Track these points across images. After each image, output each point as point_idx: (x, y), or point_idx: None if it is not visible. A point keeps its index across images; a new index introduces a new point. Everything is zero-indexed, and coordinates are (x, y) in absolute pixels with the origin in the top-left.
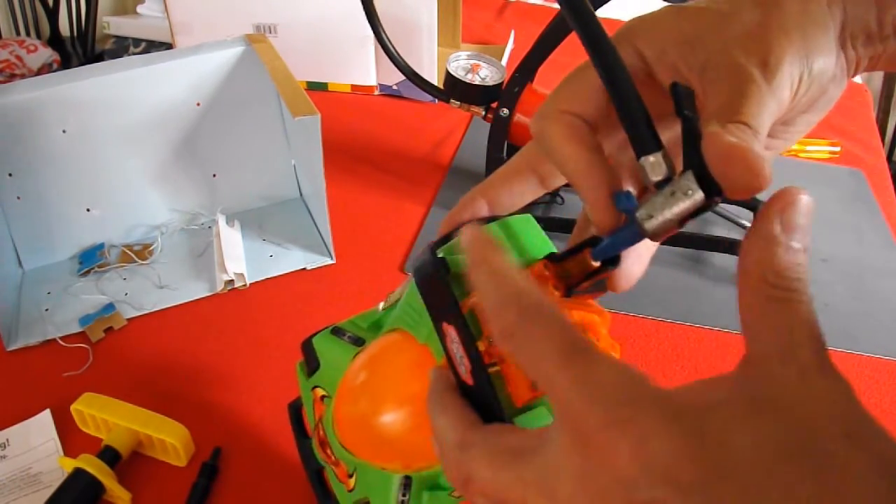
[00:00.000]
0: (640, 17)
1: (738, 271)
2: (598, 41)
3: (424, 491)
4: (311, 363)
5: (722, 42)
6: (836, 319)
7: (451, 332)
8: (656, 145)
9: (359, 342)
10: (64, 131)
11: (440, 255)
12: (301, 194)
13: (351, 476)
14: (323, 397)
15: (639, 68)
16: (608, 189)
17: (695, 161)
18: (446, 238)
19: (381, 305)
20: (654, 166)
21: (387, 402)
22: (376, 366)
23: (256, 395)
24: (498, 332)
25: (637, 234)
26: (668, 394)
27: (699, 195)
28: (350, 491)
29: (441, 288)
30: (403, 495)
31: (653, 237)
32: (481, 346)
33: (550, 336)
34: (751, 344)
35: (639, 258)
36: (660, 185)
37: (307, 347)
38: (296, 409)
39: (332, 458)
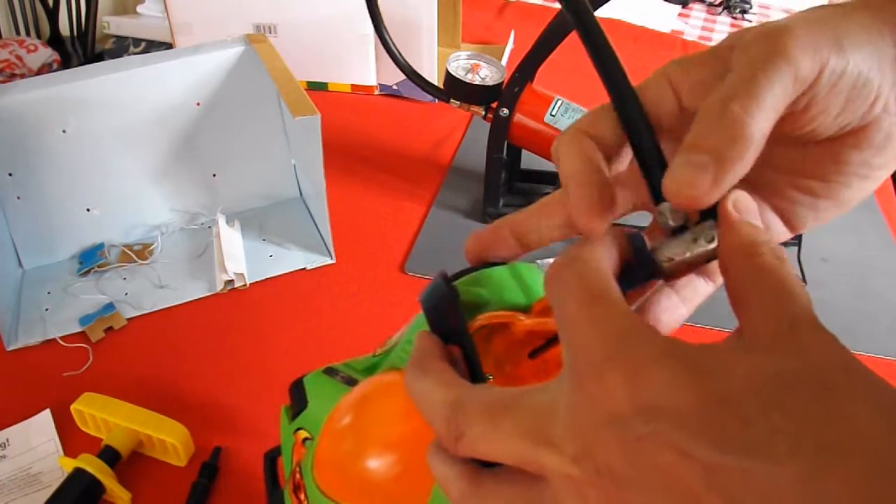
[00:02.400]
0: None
1: (720, 260)
2: (621, 88)
3: None
4: (298, 404)
5: (746, 43)
6: (836, 319)
7: (455, 354)
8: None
9: (352, 382)
10: (64, 131)
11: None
12: (301, 194)
13: None
14: (305, 440)
15: (670, 100)
16: (596, 191)
17: (713, 211)
18: (460, 273)
19: (378, 350)
20: (673, 213)
21: (375, 443)
22: (368, 404)
23: (256, 395)
24: (547, 276)
25: (652, 274)
26: (669, 339)
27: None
28: None
29: (450, 309)
30: None
31: (668, 278)
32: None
33: (582, 279)
34: (742, 313)
35: (673, 310)
36: (677, 231)
37: (296, 388)
38: (271, 459)
39: None
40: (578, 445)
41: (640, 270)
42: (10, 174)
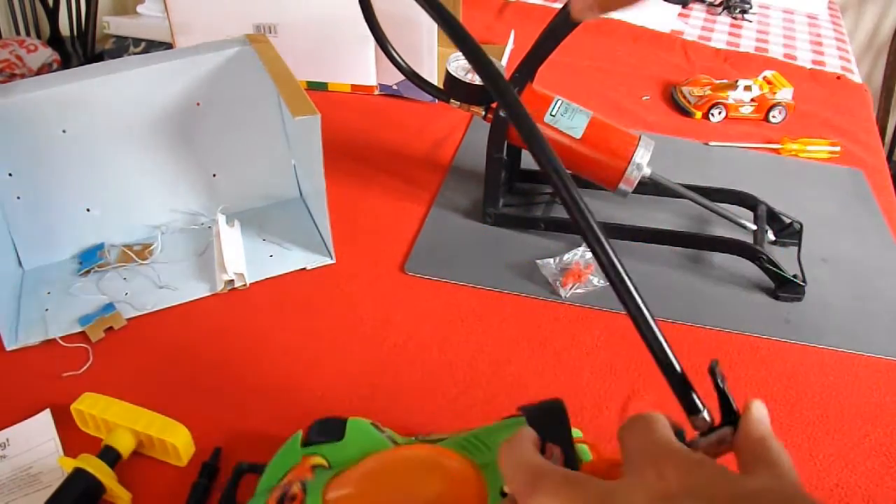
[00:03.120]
0: None
1: (736, 446)
2: (647, 326)
3: None
4: (326, 435)
5: None
6: (836, 319)
7: (555, 451)
8: (699, 408)
9: (395, 442)
10: (64, 131)
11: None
12: (301, 194)
13: None
14: (316, 466)
15: None
16: None
17: (734, 418)
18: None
19: (419, 436)
20: (700, 422)
21: (412, 489)
22: (412, 465)
23: (256, 395)
24: (624, 424)
25: None
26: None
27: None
28: None
29: (561, 417)
30: None
31: None
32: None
33: (649, 419)
34: (749, 476)
35: None
36: (704, 434)
37: (333, 423)
38: (238, 473)
39: None
40: None
41: None
42: (10, 174)
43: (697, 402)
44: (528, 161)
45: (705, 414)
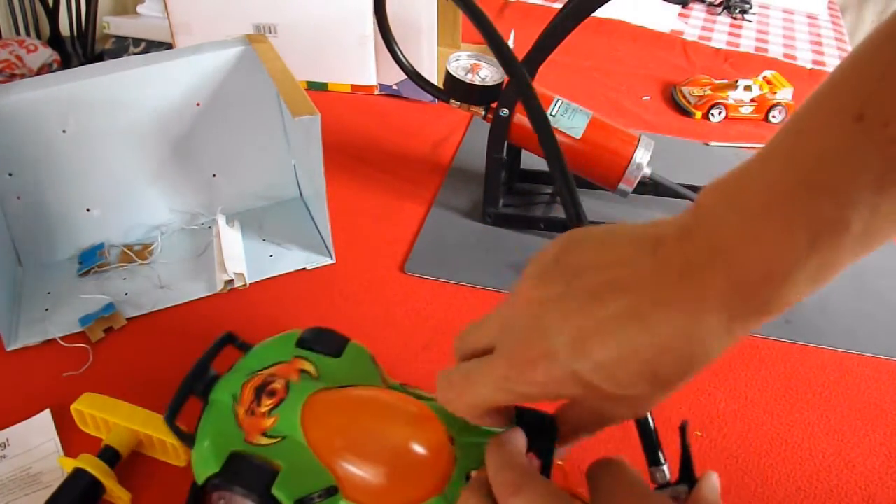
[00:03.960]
0: None
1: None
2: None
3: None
4: (323, 345)
5: None
6: (836, 319)
7: (534, 461)
8: (661, 461)
9: (385, 382)
10: (64, 131)
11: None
12: (301, 194)
13: (266, 436)
14: (303, 371)
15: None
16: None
17: (691, 480)
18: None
19: (401, 385)
20: (659, 475)
21: (387, 437)
22: (403, 421)
23: None
24: (592, 466)
25: None
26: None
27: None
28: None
29: (552, 433)
30: (319, 497)
31: None
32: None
33: (618, 469)
34: None
35: None
36: (660, 487)
37: (334, 336)
38: (223, 341)
39: (263, 421)
40: None
41: None
42: (10, 174)
43: (661, 456)
44: (528, 161)
45: (665, 468)
